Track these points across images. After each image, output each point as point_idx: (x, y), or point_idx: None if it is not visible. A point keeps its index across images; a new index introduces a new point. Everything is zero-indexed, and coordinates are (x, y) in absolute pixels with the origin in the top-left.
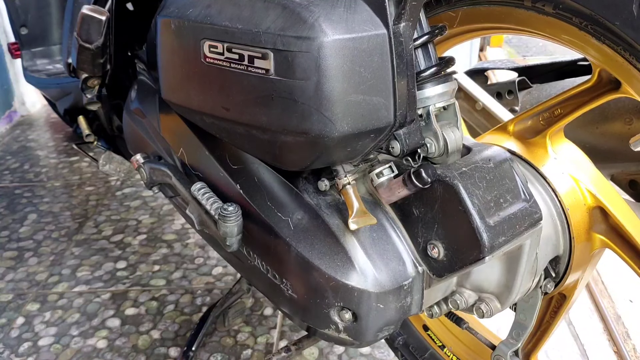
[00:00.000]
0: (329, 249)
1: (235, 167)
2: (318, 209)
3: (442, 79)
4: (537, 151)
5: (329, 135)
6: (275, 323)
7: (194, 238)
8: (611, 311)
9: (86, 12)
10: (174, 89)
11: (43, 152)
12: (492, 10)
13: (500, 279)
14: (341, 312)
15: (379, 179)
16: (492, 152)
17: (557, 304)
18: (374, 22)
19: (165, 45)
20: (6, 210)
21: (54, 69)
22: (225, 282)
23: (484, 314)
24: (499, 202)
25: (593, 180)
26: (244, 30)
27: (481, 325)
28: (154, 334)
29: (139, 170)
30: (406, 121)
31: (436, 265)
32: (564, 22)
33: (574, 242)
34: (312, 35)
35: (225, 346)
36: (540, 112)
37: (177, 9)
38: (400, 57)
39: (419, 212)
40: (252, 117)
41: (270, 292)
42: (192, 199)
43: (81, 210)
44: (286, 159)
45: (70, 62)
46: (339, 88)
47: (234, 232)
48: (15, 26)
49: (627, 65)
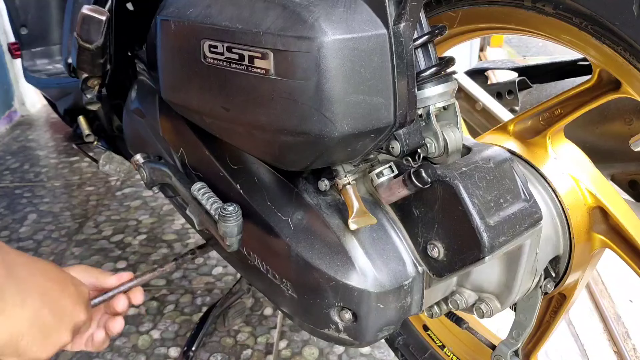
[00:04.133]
0: (329, 249)
1: (235, 167)
2: (318, 209)
3: (442, 79)
4: (537, 151)
5: (329, 135)
6: (275, 323)
7: (194, 238)
8: (611, 311)
9: (86, 12)
10: (174, 89)
11: (43, 152)
12: (492, 10)
13: (500, 279)
14: (341, 312)
15: (379, 179)
16: (492, 152)
17: (557, 304)
18: (374, 22)
19: (165, 45)
20: (6, 210)
21: (54, 69)
22: (225, 282)
23: (484, 314)
24: (499, 202)
25: (593, 180)
26: (244, 30)
27: (481, 325)
28: (154, 334)
29: (139, 170)
30: (406, 121)
31: (436, 265)
32: (564, 22)
33: (574, 242)
34: (312, 36)
35: (225, 346)
36: (540, 112)
37: (177, 9)
38: (401, 57)
39: (419, 212)
40: (252, 117)
41: (270, 292)
42: (192, 199)
43: (81, 210)
44: (286, 159)
45: (70, 62)
46: (339, 88)
47: (234, 232)
48: (15, 26)
49: (627, 65)
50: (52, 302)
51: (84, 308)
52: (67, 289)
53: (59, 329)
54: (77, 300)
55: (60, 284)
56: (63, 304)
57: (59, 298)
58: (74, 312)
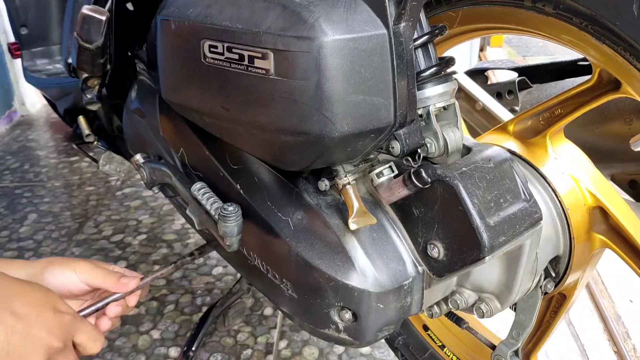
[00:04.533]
0: (329, 249)
1: (235, 167)
2: (318, 209)
3: (442, 79)
4: (537, 151)
5: (329, 135)
6: (275, 323)
7: (194, 238)
8: (611, 311)
9: (86, 12)
10: (174, 89)
11: (43, 152)
12: (492, 10)
13: (500, 279)
14: (341, 312)
15: (379, 179)
16: (492, 152)
17: (557, 304)
18: (374, 22)
19: (165, 45)
20: (6, 210)
21: (54, 69)
22: (225, 282)
23: (484, 314)
24: (499, 202)
25: (593, 180)
26: (244, 30)
27: (481, 325)
28: (154, 334)
29: (139, 170)
30: (406, 121)
31: (436, 265)
32: (564, 22)
33: (574, 242)
34: (312, 36)
35: (225, 346)
36: (540, 112)
37: (177, 9)
38: (401, 57)
39: (419, 212)
40: (252, 117)
41: (270, 292)
42: (192, 199)
43: (81, 210)
44: (286, 159)
45: (70, 62)
46: (339, 88)
47: (234, 232)
48: (15, 26)
49: (627, 65)
50: (25, 328)
51: (60, 335)
52: (45, 314)
53: (29, 356)
54: (54, 328)
55: (37, 308)
56: (37, 331)
57: (33, 324)
58: (48, 340)
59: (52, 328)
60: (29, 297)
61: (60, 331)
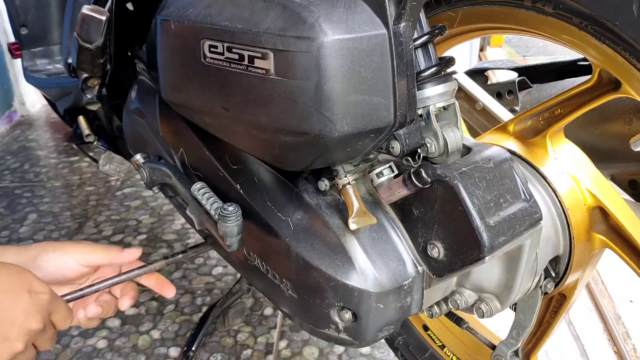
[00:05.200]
0: (329, 249)
1: (235, 167)
2: (318, 209)
3: (442, 79)
4: (537, 151)
5: (329, 135)
6: (275, 323)
7: (194, 238)
8: (611, 311)
9: (86, 12)
10: (174, 88)
11: (43, 152)
12: (492, 10)
13: (500, 279)
14: (341, 312)
15: (379, 179)
16: (492, 152)
17: (557, 304)
18: (374, 22)
19: (165, 45)
20: (6, 210)
21: (54, 69)
22: (225, 282)
23: (484, 314)
24: (499, 202)
25: (593, 180)
26: (244, 30)
27: (481, 325)
28: (154, 334)
29: (139, 170)
30: (406, 121)
31: (436, 265)
32: (564, 22)
33: (574, 242)
34: (312, 35)
35: (225, 346)
36: (540, 112)
37: (177, 9)
38: (400, 57)
39: (419, 212)
40: (252, 117)
41: (270, 292)
42: (192, 199)
43: (81, 210)
44: (286, 159)
45: (70, 62)
46: (339, 88)
47: (234, 232)
48: (15, 26)
49: (627, 65)
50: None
51: (39, 317)
52: (21, 297)
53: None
54: (31, 311)
55: (13, 292)
56: (13, 314)
57: (9, 308)
58: (25, 322)
59: (29, 311)
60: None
61: (38, 313)
